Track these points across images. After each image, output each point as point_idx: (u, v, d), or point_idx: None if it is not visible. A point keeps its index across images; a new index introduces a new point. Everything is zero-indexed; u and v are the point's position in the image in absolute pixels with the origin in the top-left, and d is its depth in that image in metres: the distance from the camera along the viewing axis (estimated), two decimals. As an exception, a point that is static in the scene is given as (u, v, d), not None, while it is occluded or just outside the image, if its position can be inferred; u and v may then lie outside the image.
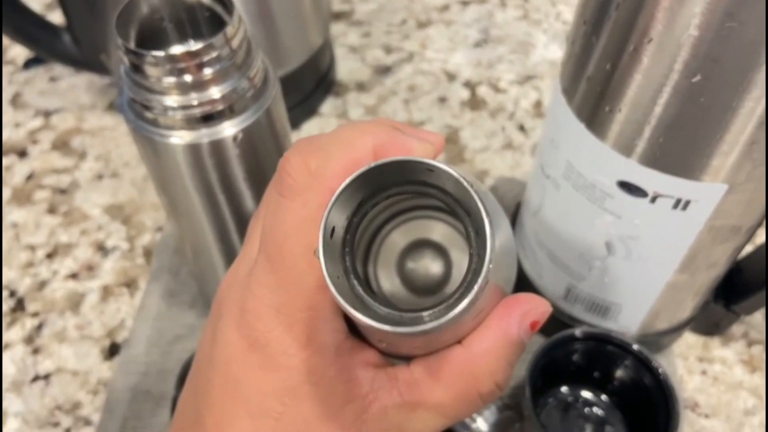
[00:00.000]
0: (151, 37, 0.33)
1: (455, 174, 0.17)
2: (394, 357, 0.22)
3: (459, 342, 0.21)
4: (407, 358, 0.22)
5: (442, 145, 0.23)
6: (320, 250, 0.18)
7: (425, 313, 0.18)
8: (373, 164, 0.18)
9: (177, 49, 0.33)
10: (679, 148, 0.29)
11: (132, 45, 0.30)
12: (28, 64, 0.63)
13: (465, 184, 0.17)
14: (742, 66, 0.25)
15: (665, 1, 0.25)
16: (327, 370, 0.21)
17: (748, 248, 0.38)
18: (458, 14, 0.69)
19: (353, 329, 0.22)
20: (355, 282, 0.19)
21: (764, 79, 0.25)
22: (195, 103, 0.30)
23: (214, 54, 0.30)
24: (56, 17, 0.59)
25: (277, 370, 0.21)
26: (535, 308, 0.21)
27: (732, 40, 0.24)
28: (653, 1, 0.25)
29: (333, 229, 0.18)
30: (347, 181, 0.18)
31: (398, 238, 0.24)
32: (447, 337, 0.21)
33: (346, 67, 0.64)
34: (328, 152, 0.21)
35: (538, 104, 0.60)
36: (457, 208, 0.19)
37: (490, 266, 0.17)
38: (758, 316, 0.44)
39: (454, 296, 0.18)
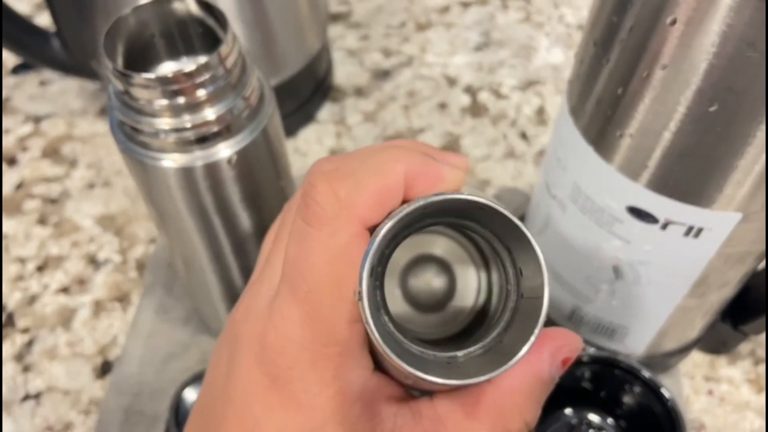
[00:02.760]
0: (141, 54, 0.31)
1: (508, 214, 0.17)
2: (417, 390, 0.21)
3: None
4: (431, 393, 0.21)
5: (467, 167, 0.22)
6: (364, 293, 0.16)
7: (460, 353, 0.17)
8: (421, 202, 0.17)
9: (169, 69, 0.32)
10: (692, 176, 0.27)
11: (121, 66, 0.29)
12: (17, 69, 0.62)
13: (519, 225, 0.17)
14: (760, 96, 0.24)
15: (681, 27, 0.24)
16: (352, 408, 0.20)
17: (759, 266, 0.37)
18: (459, 16, 0.68)
19: (377, 364, 0.21)
20: (386, 318, 0.18)
21: (785, 110, 0.24)
22: (188, 125, 0.29)
23: (208, 75, 0.28)
24: (44, 19, 0.57)
25: (300, 409, 0.20)
26: (567, 345, 0.21)
27: (750, 70, 0.23)
28: (668, 27, 0.24)
29: (372, 269, 0.17)
30: (393, 221, 0.17)
31: (400, 253, 0.23)
32: None
33: (344, 72, 0.62)
34: (358, 179, 0.19)
35: (540, 111, 0.59)
36: (497, 243, 0.18)
37: (546, 314, 0.17)
38: (765, 333, 0.43)
39: (491, 335, 0.17)
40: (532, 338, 0.16)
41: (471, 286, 0.23)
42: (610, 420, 0.39)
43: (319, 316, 0.19)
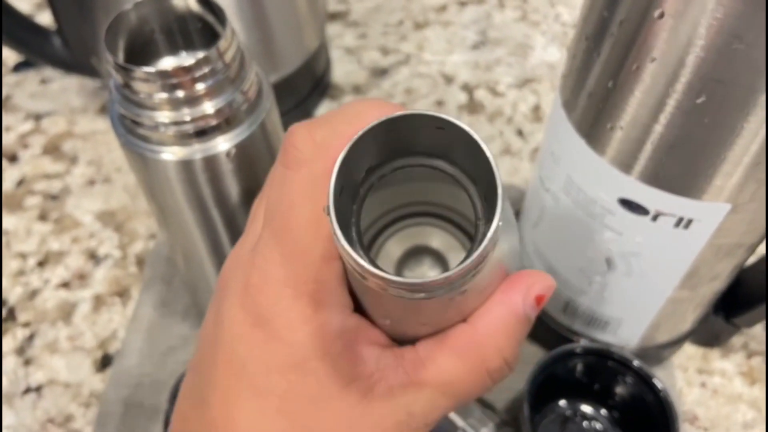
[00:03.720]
0: (141, 50, 0.32)
1: (465, 127, 0.17)
2: (398, 340, 0.22)
3: (464, 321, 0.21)
4: (412, 341, 0.21)
5: None
6: (330, 205, 0.17)
7: (432, 274, 0.17)
8: (385, 118, 0.17)
9: (168, 64, 0.33)
10: (682, 167, 0.28)
11: (122, 60, 0.29)
12: (18, 67, 0.62)
13: (475, 137, 0.17)
14: (747, 87, 0.24)
15: (669, 20, 0.24)
16: (332, 344, 0.20)
17: (750, 260, 0.37)
18: (456, 15, 0.68)
19: (358, 307, 0.21)
20: (361, 252, 0.18)
21: (771, 101, 0.24)
22: (187, 118, 0.30)
23: (207, 69, 0.29)
24: (45, 17, 0.58)
25: (282, 345, 0.20)
26: (539, 282, 0.21)
27: (738, 62, 0.24)
28: (657, 21, 0.24)
29: (342, 190, 0.17)
30: (359, 134, 0.17)
31: (394, 246, 0.24)
32: (452, 313, 0.21)
33: (342, 70, 0.63)
34: (334, 125, 0.20)
35: (536, 108, 0.59)
36: (464, 178, 0.19)
37: (500, 223, 0.17)
38: (758, 327, 0.44)
39: (462, 264, 0.17)
40: (487, 237, 0.16)
41: None
42: (603, 411, 0.39)
43: (298, 254, 0.20)
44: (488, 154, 0.17)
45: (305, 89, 0.58)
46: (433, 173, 0.19)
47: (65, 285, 0.48)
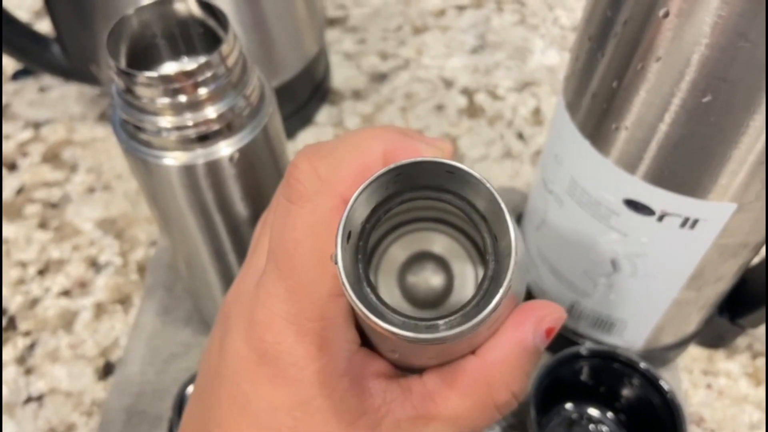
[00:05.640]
0: (143, 54, 0.32)
1: (477, 175, 0.17)
2: (406, 369, 0.22)
3: (473, 352, 0.21)
4: (420, 371, 0.21)
5: (451, 152, 0.22)
6: (338, 254, 0.17)
7: (441, 322, 0.17)
8: (393, 165, 0.17)
9: (171, 69, 0.33)
10: (688, 167, 0.28)
11: (123, 65, 0.29)
12: (17, 75, 0.62)
13: (487, 185, 0.17)
14: (753, 86, 0.24)
15: (674, 20, 0.24)
16: (339, 382, 0.20)
17: (754, 260, 0.37)
18: (454, 19, 0.68)
19: (365, 340, 0.21)
20: (369, 290, 0.18)
21: (777, 99, 0.24)
22: (190, 123, 0.29)
23: (209, 73, 0.29)
24: (44, 25, 0.58)
25: (288, 383, 0.20)
26: (550, 314, 0.21)
27: (743, 61, 0.23)
28: (662, 20, 0.24)
29: (349, 235, 0.17)
30: (366, 182, 0.17)
31: (398, 250, 0.24)
32: (461, 347, 0.20)
33: (341, 75, 0.63)
34: (338, 157, 0.20)
35: (536, 111, 0.59)
36: (473, 214, 0.19)
37: (514, 273, 0.16)
38: (762, 327, 0.44)
39: (471, 303, 0.17)
40: (501, 290, 0.16)
41: (469, 282, 0.23)
42: (610, 414, 0.39)
43: (303, 290, 0.20)
44: (503, 205, 0.17)
45: (305, 95, 0.58)
46: (442, 206, 0.19)
47: (66, 293, 0.48)
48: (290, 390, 0.20)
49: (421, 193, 0.19)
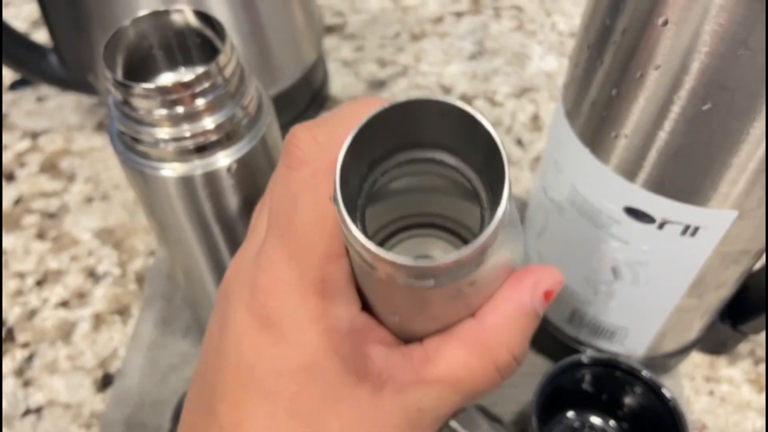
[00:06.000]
0: (140, 65, 0.31)
1: (464, 106, 0.17)
2: (406, 338, 0.22)
3: (472, 317, 0.21)
4: (419, 340, 0.21)
5: None
6: (337, 191, 0.16)
7: (438, 253, 0.17)
8: (388, 104, 0.17)
9: (168, 80, 0.32)
10: (688, 175, 0.28)
11: (120, 76, 0.29)
12: (15, 85, 0.62)
13: (475, 114, 0.16)
14: (753, 93, 0.24)
15: (673, 27, 0.24)
16: (341, 345, 0.20)
17: (756, 266, 0.37)
18: (452, 26, 0.68)
19: (366, 306, 0.21)
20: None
21: (777, 107, 0.24)
22: (187, 134, 0.29)
23: (206, 84, 0.29)
24: (42, 35, 0.58)
25: (290, 347, 0.20)
26: (547, 277, 0.21)
27: (743, 68, 0.23)
28: (661, 28, 0.24)
29: (347, 182, 0.17)
30: (363, 121, 0.17)
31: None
32: (460, 307, 0.20)
33: (339, 82, 0.63)
34: (335, 124, 0.20)
35: (535, 117, 0.59)
36: (467, 170, 0.19)
37: (509, 206, 0.16)
38: (764, 333, 0.43)
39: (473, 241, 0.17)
40: (496, 217, 0.16)
41: None
42: (612, 422, 0.39)
43: (304, 253, 0.20)
44: (489, 127, 0.16)
45: (303, 102, 0.57)
46: (437, 168, 0.19)
47: (64, 304, 0.48)
48: (293, 353, 0.20)
49: (415, 153, 0.19)
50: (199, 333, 0.45)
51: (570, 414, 0.40)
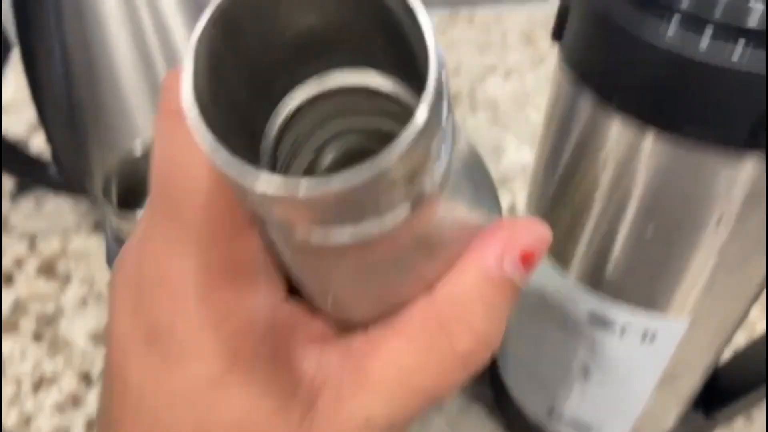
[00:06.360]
0: (139, 189, 0.34)
1: None
2: (347, 326, 0.17)
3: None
4: (365, 327, 0.17)
5: None
6: (188, 83, 0.12)
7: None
8: None
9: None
10: (642, 285, 0.30)
11: (116, 207, 0.32)
12: (17, 196, 0.65)
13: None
14: (689, 222, 0.27)
15: (611, 173, 0.27)
16: (258, 350, 0.15)
17: (725, 355, 0.39)
18: (431, 120, 0.72)
19: (294, 290, 0.17)
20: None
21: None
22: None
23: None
24: (40, 139, 0.61)
25: (188, 366, 0.15)
26: (525, 233, 0.16)
27: (676, 206, 0.26)
28: (600, 160, 0.27)
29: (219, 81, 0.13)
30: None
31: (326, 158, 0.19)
32: (409, 280, 0.16)
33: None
34: None
35: (512, 208, 0.62)
36: (398, 87, 0.15)
37: (439, 116, 0.12)
38: (739, 420, 0.45)
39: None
40: (417, 115, 0.11)
41: None
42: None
43: (198, 231, 0.15)
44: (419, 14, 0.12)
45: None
46: (366, 104, 0.15)
47: (59, 409, 0.49)
48: (192, 373, 0.15)
49: (335, 76, 0.15)
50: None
51: None
